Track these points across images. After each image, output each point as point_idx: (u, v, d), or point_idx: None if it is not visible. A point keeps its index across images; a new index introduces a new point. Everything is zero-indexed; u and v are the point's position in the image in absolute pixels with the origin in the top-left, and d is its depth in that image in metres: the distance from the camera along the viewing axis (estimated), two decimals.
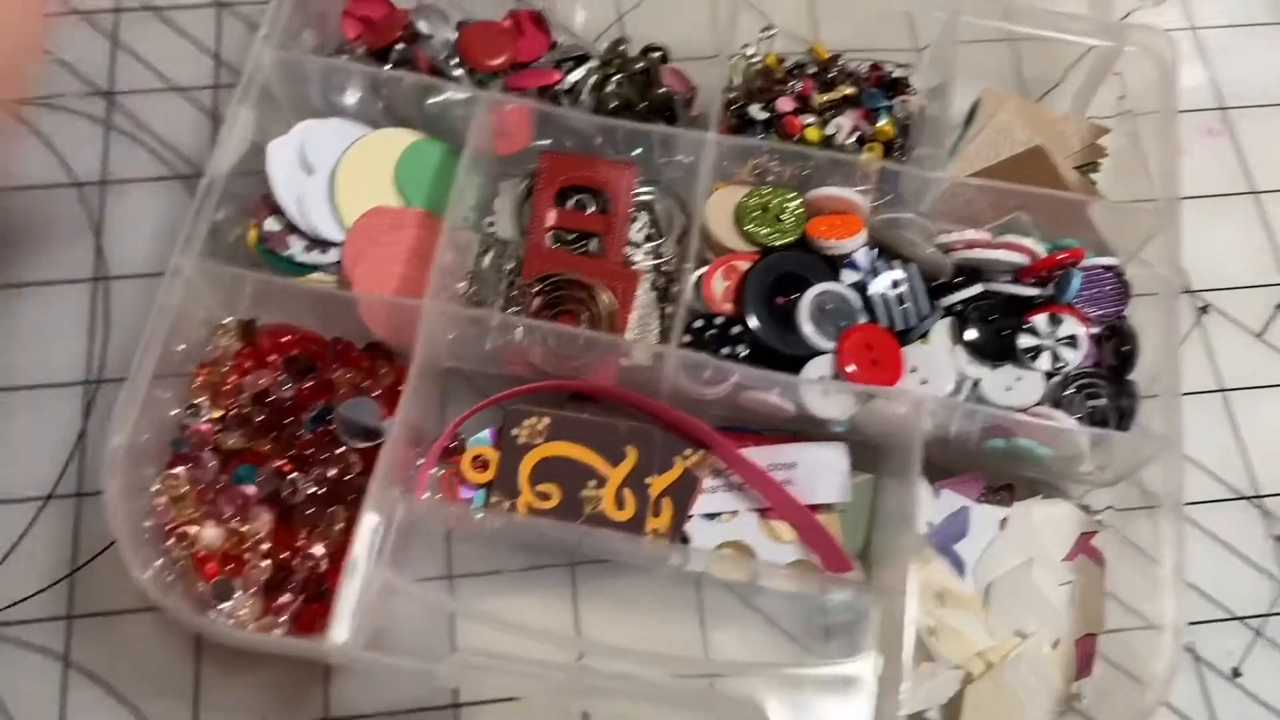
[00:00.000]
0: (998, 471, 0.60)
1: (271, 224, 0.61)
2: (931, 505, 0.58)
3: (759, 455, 0.58)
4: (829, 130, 0.66)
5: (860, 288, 0.61)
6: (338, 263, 0.60)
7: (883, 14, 0.69)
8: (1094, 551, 0.59)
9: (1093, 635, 0.57)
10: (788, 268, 0.60)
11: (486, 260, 0.62)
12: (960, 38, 0.65)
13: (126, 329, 0.64)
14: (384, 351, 0.59)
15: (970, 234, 0.61)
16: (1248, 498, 0.64)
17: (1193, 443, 0.59)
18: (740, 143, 0.61)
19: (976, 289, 0.60)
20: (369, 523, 0.51)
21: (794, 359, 0.59)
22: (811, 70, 0.68)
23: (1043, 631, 0.57)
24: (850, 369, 0.58)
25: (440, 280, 0.56)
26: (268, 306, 0.60)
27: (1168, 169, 0.60)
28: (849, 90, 0.67)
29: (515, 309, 0.60)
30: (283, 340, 0.58)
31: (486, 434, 0.59)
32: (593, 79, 0.67)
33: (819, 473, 0.58)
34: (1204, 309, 0.69)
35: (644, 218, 0.64)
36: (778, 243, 0.61)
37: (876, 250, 0.62)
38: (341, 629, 0.49)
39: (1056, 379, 0.60)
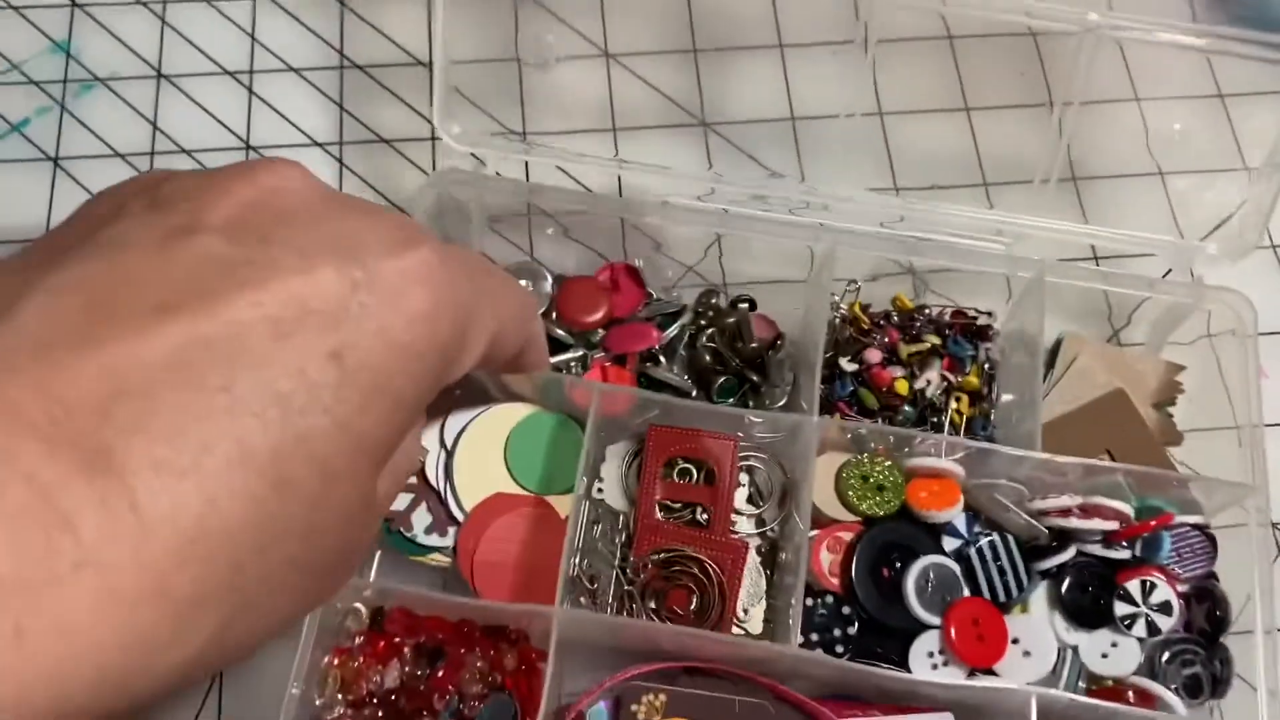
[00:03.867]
0: None
1: (397, 503, 0.63)
2: None
3: None
4: (918, 385, 0.68)
5: (959, 555, 0.63)
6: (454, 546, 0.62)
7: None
8: None
9: None
10: (892, 538, 0.63)
11: (597, 531, 0.64)
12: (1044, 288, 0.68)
13: None
14: (505, 634, 0.62)
15: (1065, 501, 0.63)
16: None
17: None
18: (842, 425, 0.64)
19: (1070, 553, 0.63)
20: None
21: (903, 631, 0.61)
22: (895, 320, 0.71)
23: None
24: (954, 639, 0.60)
25: (566, 586, 0.59)
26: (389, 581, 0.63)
27: (1255, 444, 0.62)
28: (934, 340, 0.69)
29: (629, 582, 0.62)
30: (410, 626, 0.61)
31: (602, 707, 0.62)
32: (686, 334, 0.70)
33: None
34: None
35: (745, 478, 0.66)
36: (881, 513, 0.63)
37: (973, 513, 0.64)
38: None
39: (1153, 641, 0.62)
